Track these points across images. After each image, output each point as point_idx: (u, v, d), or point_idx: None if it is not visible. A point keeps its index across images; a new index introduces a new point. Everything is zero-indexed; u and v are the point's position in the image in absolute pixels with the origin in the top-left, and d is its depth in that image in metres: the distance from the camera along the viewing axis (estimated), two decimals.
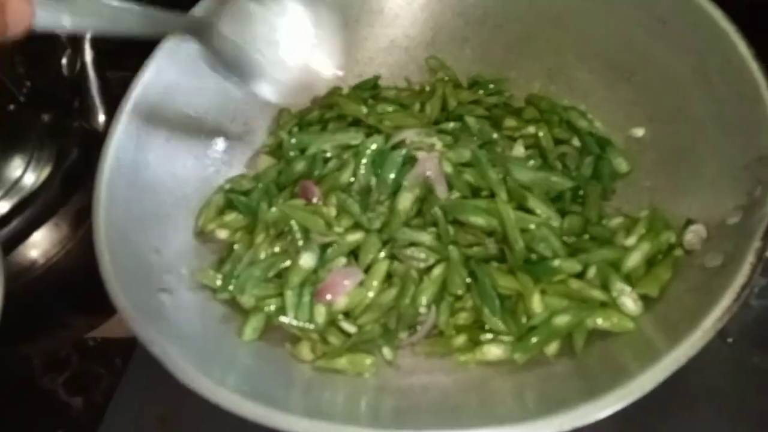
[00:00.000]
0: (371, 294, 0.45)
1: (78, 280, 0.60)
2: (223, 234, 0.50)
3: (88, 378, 0.63)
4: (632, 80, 0.50)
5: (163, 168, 0.49)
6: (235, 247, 0.49)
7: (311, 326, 0.44)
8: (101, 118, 0.65)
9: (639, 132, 0.49)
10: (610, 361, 0.37)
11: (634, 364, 0.34)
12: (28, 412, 0.62)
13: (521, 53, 0.56)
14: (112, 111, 0.49)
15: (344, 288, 0.45)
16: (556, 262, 0.42)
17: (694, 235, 0.41)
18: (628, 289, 0.41)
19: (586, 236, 0.45)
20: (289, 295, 0.44)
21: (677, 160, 0.46)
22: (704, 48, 0.44)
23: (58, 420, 0.61)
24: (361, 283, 0.45)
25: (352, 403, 0.38)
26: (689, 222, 0.42)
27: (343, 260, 0.46)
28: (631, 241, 0.43)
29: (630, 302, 0.40)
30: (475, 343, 0.42)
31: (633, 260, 0.41)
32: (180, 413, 0.52)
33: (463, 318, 0.43)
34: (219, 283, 0.46)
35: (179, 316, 0.42)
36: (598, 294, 0.41)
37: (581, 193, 0.48)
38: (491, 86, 0.56)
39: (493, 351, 0.41)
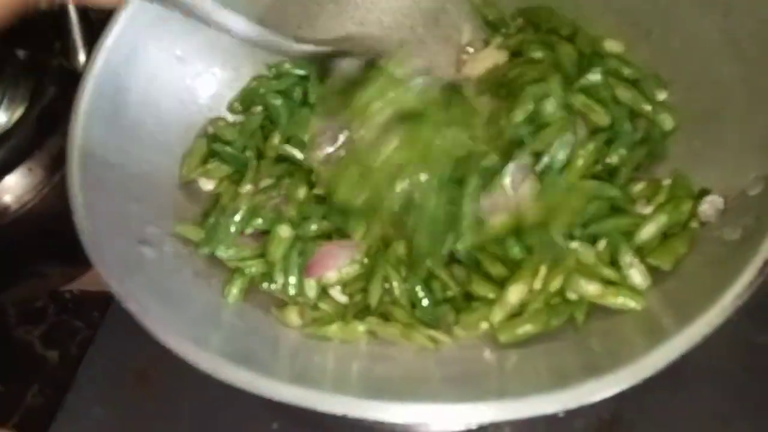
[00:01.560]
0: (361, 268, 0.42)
1: (54, 228, 0.56)
2: (208, 185, 0.47)
3: (64, 331, 0.61)
4: (651, 39, 0.47)
5: (145, 110, 0.46)
6: (220, 198, 0.46)
7: (300, 299, 0.42)
8: (82, 57, 0.61)
9: (661, 95, 0.46)
10: (618, 337, 0.35)
11: (644, 342, 0.32)
12: (2, 364, 0.60)
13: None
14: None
15: (335, 264, 0.42)
16: (574, 245, 0.40)
17: (710, 206, 0.39)
18: (637, 261, 0.38)
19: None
20: (276, 269, 0.42)
21: (698, 127, 0.43)
22: (733, 6, 0.41)
23: (33, 372, 0.59)
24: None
25: (341, 370, 0.36)
26: (704, 192, 0.40)
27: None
28: (649, 209, 0.40)
29: (638, 276, 0.38)
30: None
31: (647, 232, 0.39)
32: (158, 369, 0.50)
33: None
34: (200, 237, 0.43)
35: (160, 271, 0.40)
36: (607, 272, 0.38)
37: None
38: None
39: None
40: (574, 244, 0.40)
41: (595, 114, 0.45)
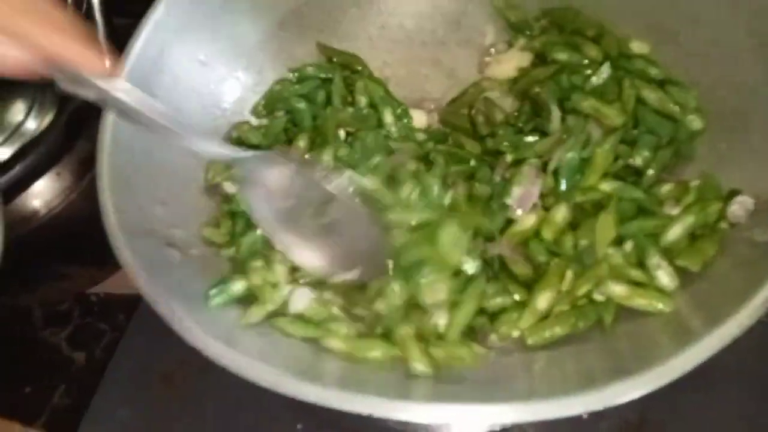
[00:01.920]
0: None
1: (81, 232, 0.57)
2: (233, 188, 0.48)
3: (90, 333, 0.62)
4: (678, 41, 0.46)
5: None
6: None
7: None
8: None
9: (690, 96, 0.45)
10: (645, 339, 0.34)
11: (672, 344, 0.31)
12: (29, 365, 0.61)
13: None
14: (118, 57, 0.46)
15: None
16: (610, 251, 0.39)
17: (739, 206, 0.39)
18: (664, 263, 0.38)
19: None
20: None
21: (725, 128, 0.42)
22: (760, 8, 0.40)
23: (59, 374, 0.60)
24: None
25: (366, 372, 0.36)
26: (734, 192, 0.39)
27: None
28: (677, 210, 0.40)
29: (665, 277, 0.38)
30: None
31: (674, 233, 0.39)
32: (183, 371, 0.51)
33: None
34: (225, 239, 0.44)
35: (187, 273, 0.40)
36: (635, 274, 0.38)
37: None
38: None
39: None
40: (610, 250, 0.39)
41: (605, 116, 0.45)
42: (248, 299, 0.41)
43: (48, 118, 0.55)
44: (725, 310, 0.31)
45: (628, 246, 0.39)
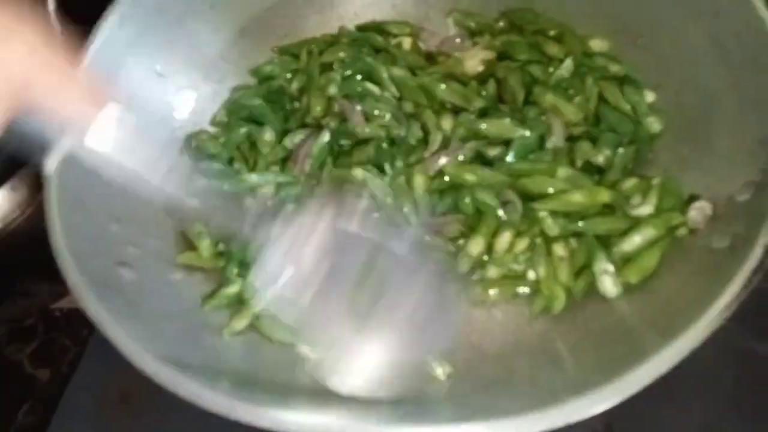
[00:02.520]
0: None
1: (40, 246, 0.56)
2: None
3: (54, 349, 0.61)
4: (639, 43, 0.46)
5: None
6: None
7: None
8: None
9: (649, 97, 0.45)
10: (601, 353, 0.34)
11: (629, 357, 0.31)
12: None
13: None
14: None
15: None
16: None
17: (697, 212, 0.38)
18: (611, 269, 0.38)
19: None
20: None
21: (686, 132, 0.42)
22: (720, 10, 0.40)
23: (23, 392, 0.58)
24: None
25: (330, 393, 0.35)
26: (693, 198, 0.39)
27: None
28: (644, 210, 0.40)
29: (609, 284, 0.38)
30: None
31: (630, 244, 0.39)
32: (143, 390, 0.49)
33: None
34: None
35: (141, 294, 0.39)
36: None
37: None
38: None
39: None
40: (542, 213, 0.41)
41: (563, 112, 0.45)
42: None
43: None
44: (683, 321, 0.31)
45: (573, 242, 0.40)
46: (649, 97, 0.45)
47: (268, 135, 0.48)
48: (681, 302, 0.34)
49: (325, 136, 0.46)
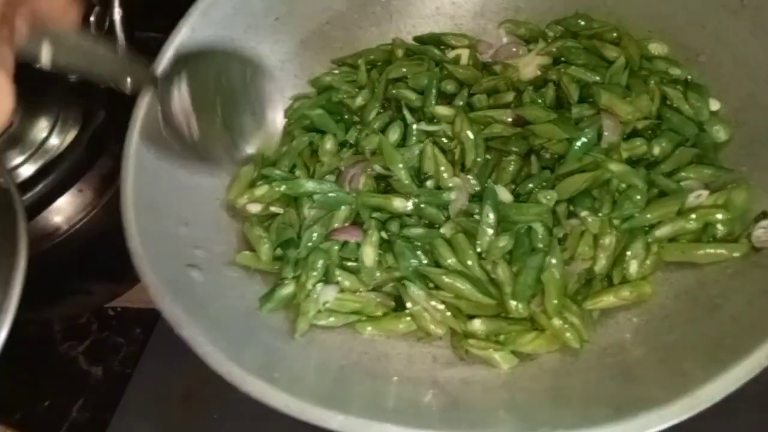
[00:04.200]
0: None
1: (101, 247, 0.58)
2: (254, 208, 0.48)
3: (107, 347, 0.62)
4: (699, 60, 0.46)
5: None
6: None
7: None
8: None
9: (714, 105, 0.45)
10: (672, 367, 0.34)
11: (701, 374, 0.31)
12: (48, 379, 0.61)
13: None
14: None
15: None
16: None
17: (764, 231, 0.38)
18: (642, 254, 0.41)
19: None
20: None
21: (746, 149, 0.42)
22: None
23: (78, 388, 0.60)
24: None
25: (388, 398, 0.36)
26: (763, 215, 0.39)
27: None
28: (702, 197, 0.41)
29: (635, 267, 0.40)
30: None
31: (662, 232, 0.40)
32: (203, 388, 0.51)
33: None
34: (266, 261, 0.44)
35: (210, 295, 0.40)
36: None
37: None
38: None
39: None
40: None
41: (619, 111, 0.45)
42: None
43: (71, 135, 0.55)
44: (749, 341, 0.31)
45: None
46: (714, 105, 0.45)
47: (329, 144, 0.49)
48: (746, 322, 0.34)
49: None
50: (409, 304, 0.42)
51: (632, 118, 0.44)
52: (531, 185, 0.44)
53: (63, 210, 0.56)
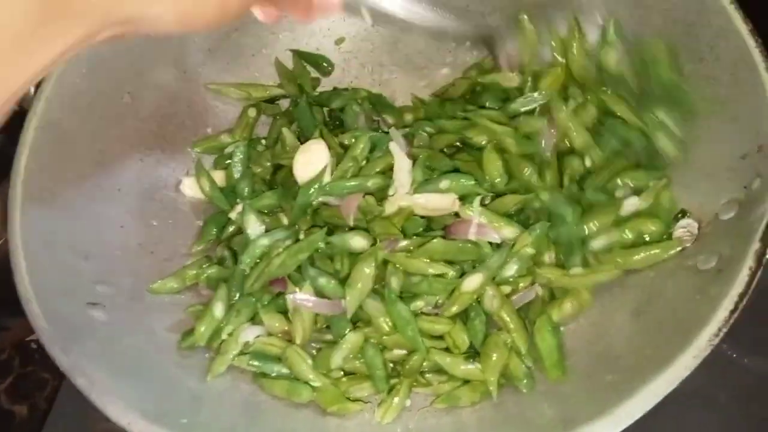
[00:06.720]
0: None
1: (10, 279, 0.54)
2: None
3: (31, 383, 0.59)
4: None
5: (92, 160, 0.44)
6: None
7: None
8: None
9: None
10: (593, 388, 0.33)
11: (621, 388, 0.30)
12: None
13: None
14: None
15: None
16: None
17: (684, 231, 0.38)
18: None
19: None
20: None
21: None
22: (695, 21, 0.39)
23: (1, 428, 0.56)
24: None
25: None
26: (682, 213, 0.38)
27: None
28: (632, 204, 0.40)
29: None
30: None
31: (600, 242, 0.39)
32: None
33: None
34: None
35: (115, 334, 0.38)
36: None
37: None
38: None
39: None
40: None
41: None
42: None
43: None
44: (671, 349, 0.30)
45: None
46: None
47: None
48: (669, 329, 0.33)
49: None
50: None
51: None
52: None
53: None
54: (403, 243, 0.41)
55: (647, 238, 0.39)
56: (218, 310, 0.41)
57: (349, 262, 0.40)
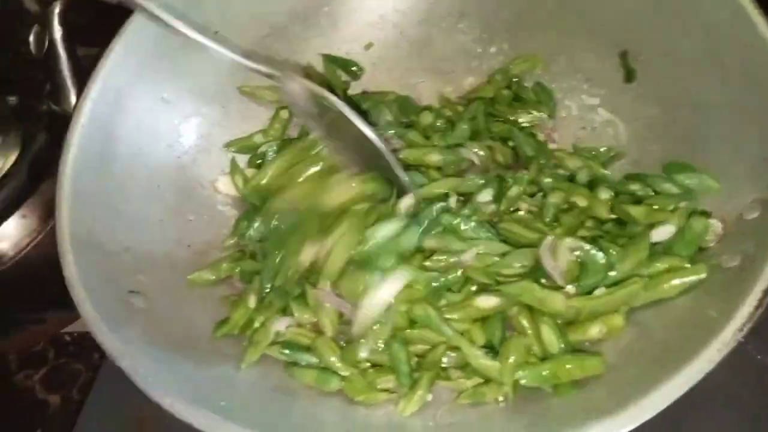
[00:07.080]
0: None
1: (50, 273, 0.56)
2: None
3: (65, 374, 0.61)
4: (639, 60, 0.46)
5: (133, 159, 0.46)
6: None
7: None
8: (72, 99, 0.61)
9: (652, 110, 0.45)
10: (617, 380, 0.34)
11: (642, 383, 0.31)
12: (3, 409, 0.60)
13: (521, 31, 0.52)
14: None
15: None
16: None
17: (709, 231, 0.38)
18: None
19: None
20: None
21: (689, 148, 0.42)
22: (718, 27, 0.40)
23: (35, 418, 0.59)
24: None
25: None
26: (704, 214, 0.39)
27: None
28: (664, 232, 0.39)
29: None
30: None
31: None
32: (158, 416, 0.49)
33: None
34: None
35: (154, 321, 0.39)
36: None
37: None
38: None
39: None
40: None
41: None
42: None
43: (11, 159, 0.53)
44: (695, 344, 0.31)
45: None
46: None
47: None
48: (693, 324, 0.34)
49: None
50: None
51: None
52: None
53: (7, 236, 0.54)
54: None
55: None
56: (251, 301, 0.42)
57: None
